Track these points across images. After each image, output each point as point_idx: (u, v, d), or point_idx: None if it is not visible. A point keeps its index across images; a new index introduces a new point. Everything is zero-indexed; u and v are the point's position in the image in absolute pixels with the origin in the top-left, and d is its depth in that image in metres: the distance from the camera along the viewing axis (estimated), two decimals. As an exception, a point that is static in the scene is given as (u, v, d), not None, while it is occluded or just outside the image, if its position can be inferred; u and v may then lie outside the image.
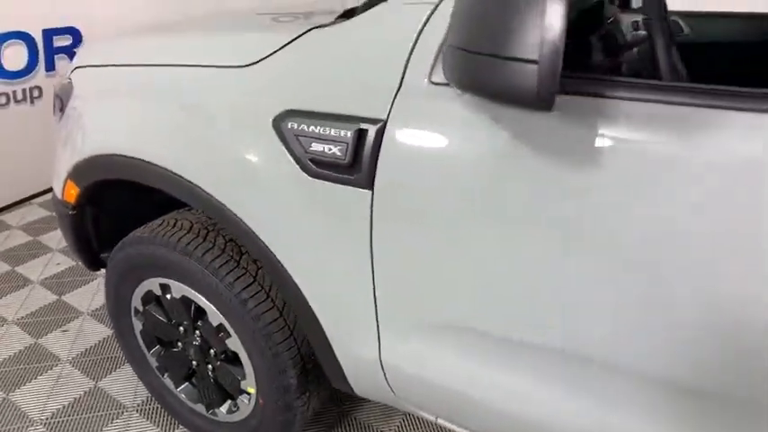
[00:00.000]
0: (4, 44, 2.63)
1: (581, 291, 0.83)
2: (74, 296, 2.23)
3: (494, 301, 0.92)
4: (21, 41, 2.68)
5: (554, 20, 0.57)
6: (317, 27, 1.00)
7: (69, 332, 2.03)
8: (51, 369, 1.85)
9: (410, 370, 1.06)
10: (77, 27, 2.86)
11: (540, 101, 0.61)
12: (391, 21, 0.92)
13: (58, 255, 2.51)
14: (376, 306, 1.02)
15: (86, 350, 1.93)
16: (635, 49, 1.19)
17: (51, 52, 2.80)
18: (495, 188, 0.82)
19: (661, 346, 0.81)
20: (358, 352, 1.10)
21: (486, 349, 0.98)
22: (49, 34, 2.76)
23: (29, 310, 2.13)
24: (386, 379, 1.10)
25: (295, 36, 1.00)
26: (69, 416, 1.67)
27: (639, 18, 1.30)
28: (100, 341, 1.98)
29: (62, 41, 2.84)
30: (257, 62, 1.03)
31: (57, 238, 2.59)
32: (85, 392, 1.76)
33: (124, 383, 1.79)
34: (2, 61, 2.67)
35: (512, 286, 0.88)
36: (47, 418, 1.66)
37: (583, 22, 1.07)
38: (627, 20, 1.45)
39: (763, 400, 0.76)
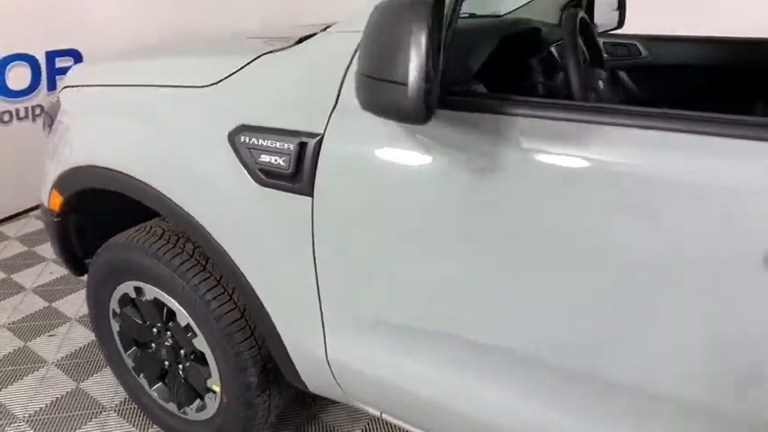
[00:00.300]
0: (9, 65, 2.79)
1: (495, 290, 0.92)
2: (63, 303, 2.33)
3: (423, 300, 1.01)
4: (25, 63, 2.84)
5: (420, 50, 0.67)
6: (269, 52, 1.11)
7: (56, 336, 2.12)
8: (37, 370, 1.94)
9: (353, 366, 1.15)
10: (79, 49, 3.02)
11: (413, 116, 0.72)
12: (328, 47, 1.03)
13: (51, 264, 2.62)
14: (320, 306, 1.12)
15: (71, 353, 2.03)
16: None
17: (53, 73, 2.96)
18: (410, 195, 0.92)
19: (564, 338, 0.90)
20: (307, 350, 1.19)
21: (422, 346, 1.06)
22: (51, 56, 2.92)
23: (20, 316, 2.24)
24: (333, 375, 1.19)
25: (250, 59, 1.11)
26: (51, 414, 1.76)
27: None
28: (85, 345, 2.07)
29: (64, 62, 3.00)
30: (217, 83, 1.15)
31: (51, 249, 2.70)
32: (68, 393, 1.84)
33: (105, 385, 1.87)
34: (6, 81, 2.83)
35: (435, 286, 0.98)
36: (30, 416, 1.74)
37: (515, 47, 1.18)
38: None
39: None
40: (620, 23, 2.33)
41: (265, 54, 1.11)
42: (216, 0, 3.49)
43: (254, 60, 1.11)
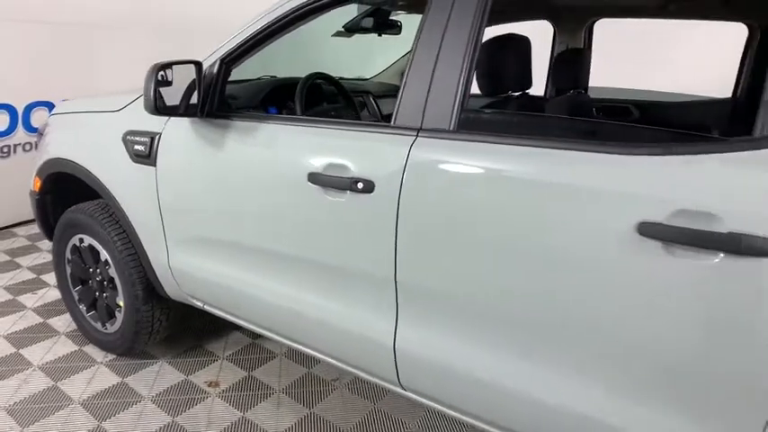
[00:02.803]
0: (33, 109, 3.83)
1: (237, 210, 1.74)
2: (48, 276, 3.19)
3: (212, 222, 1.83)
4: (45, 107, 3.88)
5: (150, 84, 1.56)
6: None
7: (37, 294, 2.97)
8: (17, 313, 2.78)
9: (182, 268, 1.96)
10: (86, 99, 4.05)
11: (151, 111, 1.60)
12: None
13: (45, 253, 3.51)
14: (164, 231, 1.95)
15: (44, 304, 2.87)
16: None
17: (66, 116, 3.98)
18: (194, 159, 1.78)
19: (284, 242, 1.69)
20: (160, 261, 2.02)
21: (218, 251, 1.86)
22: (65, 103, 3.96)
23: (15, 282, 3.10)
24: (174, 278, 2.00)
25: (137, 97, 2.02)
26: (22, 335, 2.57)
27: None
28: (55, 300, 2.90)
29: (75, 109, 4.02)
30: (122, 109, 2.05)
31: (49, 244, 3.60)
32: (37, 324, 2.67)
33: (63, 322, 2.69)
34: (31, 121, 3.86)
35: (214, 213, 1.81)
36: (8, 335, 2.56)
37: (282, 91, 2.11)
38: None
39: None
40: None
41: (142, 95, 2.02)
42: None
43: (138, 98, 2.02)
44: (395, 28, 2.35)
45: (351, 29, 2.23)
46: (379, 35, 2.28)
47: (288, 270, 1.65)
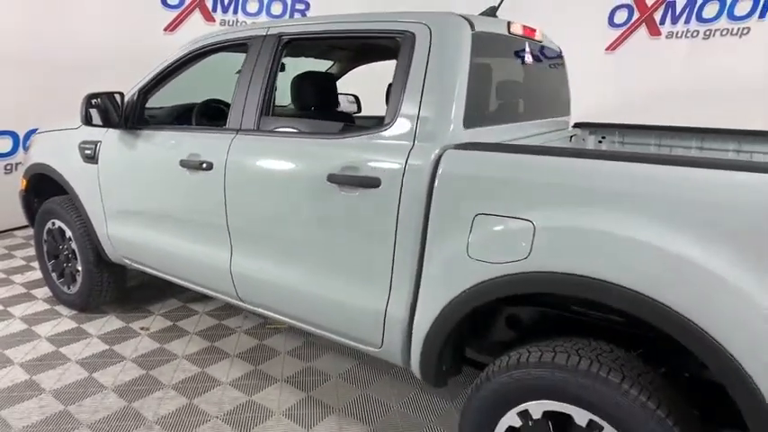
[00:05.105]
0: (32, 135, 4.74)
1: (141, 192, 2.58)
2: (36, 263, 4.03)
3: (133, 200, 2.66)
4: (42, 133, 4.79)
5: (83, 108, 2.42)
6: (95, 114, 2.89)
7: (25, 275, 3.81)
8: (7, 286, 3.61)
9: (115, 235, 2.79)
10: (76, 127, 4.97)
11: (85, 124, 2.45)
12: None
13: (36, 248, 4.37)
14: (104, 208, 2.79)
15: (30, 281, 3.70)
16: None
17: (59, 140, 4.89)
18: (121, 158, 2.62)
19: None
20: (101, 231, 2.85)
21: (141, 220, 2.68)
22: (59, 130, 4.88)
23: (9, 267, 3.95)
24: (111, 243, 2.83)
25: (89, 117, 2.89)
26: (9, 299, 3.39)
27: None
28: (38, 279, 3.72)
29: (67, 135, 4.93)
30: (80, 126, 2.91)
31: (39, 241, 4.45)
32: (20, 294, 3.49)
33: (42, 291, 3.51)
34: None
35: (134, 194, 2.64)
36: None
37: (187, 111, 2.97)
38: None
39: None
40: (359, 110, 4.06)
41: (95, 115, 2.90)
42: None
43: (91, 117, 2.89)
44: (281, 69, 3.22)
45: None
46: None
47: (171, 227, 2.47)
